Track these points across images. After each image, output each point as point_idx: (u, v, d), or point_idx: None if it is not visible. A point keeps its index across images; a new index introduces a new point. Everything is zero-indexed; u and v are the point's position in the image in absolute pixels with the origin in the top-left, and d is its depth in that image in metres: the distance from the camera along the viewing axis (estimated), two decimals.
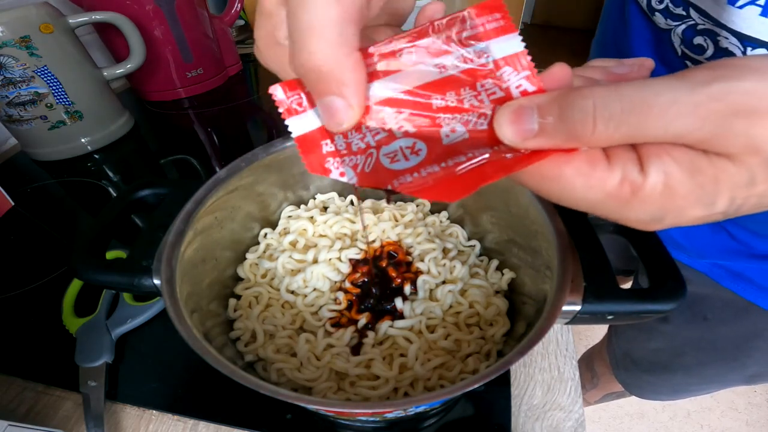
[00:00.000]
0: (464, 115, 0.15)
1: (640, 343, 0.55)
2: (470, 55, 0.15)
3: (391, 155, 0.16)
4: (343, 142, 0.17)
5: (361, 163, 0.17)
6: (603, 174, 0.13)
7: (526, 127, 0.14)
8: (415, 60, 0.16)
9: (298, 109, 0.17)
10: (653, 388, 0.58)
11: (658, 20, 0.33)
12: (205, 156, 0.60)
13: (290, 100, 0.17)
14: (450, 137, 0.16)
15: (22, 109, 0.53)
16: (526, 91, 0.15)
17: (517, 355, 0.20)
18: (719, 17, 0.28)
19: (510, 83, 0.15)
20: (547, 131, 0.13)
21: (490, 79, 0.15)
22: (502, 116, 0.14)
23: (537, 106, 0.14)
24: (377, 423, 0.30)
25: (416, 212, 0.37)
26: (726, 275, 0.41)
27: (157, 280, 0.24)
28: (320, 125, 0.17)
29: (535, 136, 0.14)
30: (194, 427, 0.30)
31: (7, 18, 0.48)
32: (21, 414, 0.31)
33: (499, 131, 0.14)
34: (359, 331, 0.29)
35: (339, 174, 0.17)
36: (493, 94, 0.15)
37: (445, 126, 0.16)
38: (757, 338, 0.42)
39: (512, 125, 0.14)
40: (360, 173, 0.17)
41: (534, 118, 0.14)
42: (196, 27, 0.69)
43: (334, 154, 0.17)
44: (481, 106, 0.15)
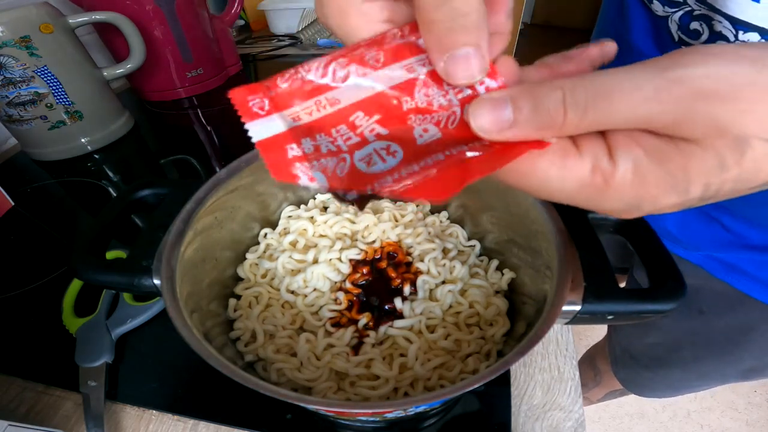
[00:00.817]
0: (434, 115, 0.16)
1: (637, 339, 0.55)
2: None
3: (366, 159, 0.16)
4: (311, 145, 0.16)
5: (332, 165, 0.15)
6: (574, 163, 0.14)
7: (502, 119, 0.14)
8: (383, 62, 0.16)
9: (260, 112, 0.16)
10: (652, 385, 0.58)
11: (656, 8, 0.34)
12: (205, 156, 0.60)
13: (251, 104, 0.16)
14: (423, 137, 0.15)
15: (22, 109, 0.53)
16: (489, 87, 0.15)
17: (517, 355, 0.20)
18: (713, 2, 0.28)
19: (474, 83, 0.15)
20: (522, 121, 0.14)
21: None
22: (477, 109, 0.14)
23: (510, 98, 0.14)
24: (377, 423, 0.30)
25: (416, 212, 0.37)
26: (720, 267, 0.41)
27: (157, 280, 0.24)
28: (284, 129, 0.16)
29: (510, 127, 0.14)
30: (194, 427, 0.30)
31: (7, 18, 0.49)
32: (21, 414, 0.31)
33: (475, 124, 0.15)
34: (359, 331, 0.29)
35: (308, 179, 0.15)
36: (460, 92, 0.15)
37: (417, 126, 0.16)
38: (752, 331, 0.42)
39: (488, 116, 0.14)
40: (332, 176, 0.15)
41: (509, 109, 0.14)
42: (196, 27, 0.69)
43: (302, 158, 0.16)
44: (450, 105, 0.15)
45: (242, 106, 0.16)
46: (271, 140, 0.16)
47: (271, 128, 0.16)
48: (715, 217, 0.39)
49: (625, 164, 0.14)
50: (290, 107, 0.16)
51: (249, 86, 0.16)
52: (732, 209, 0.37)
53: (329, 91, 0.16)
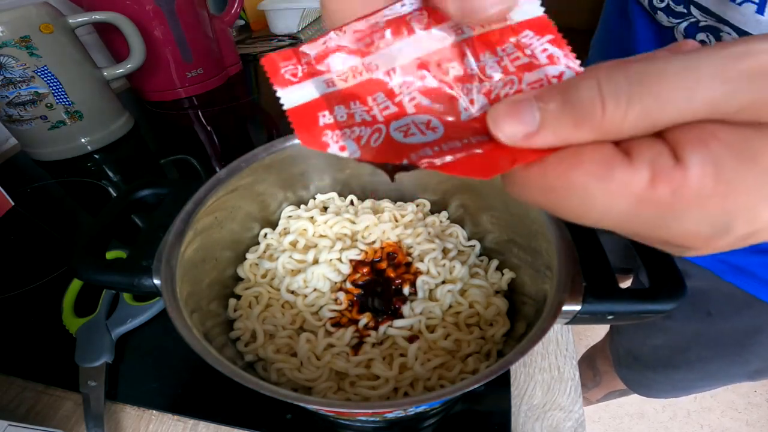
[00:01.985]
0: (485, 84, 0.14)
1: (641, 340, 0.55)
2: None
3: (403, 129, 0.14)
4: (344, 113, 0.15)
5: (366, 135, 0.14)
6: (624, 174, 0.10)
7: (525, 120, 0.11)
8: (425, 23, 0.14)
9: (293, 79, 0.15)
10: (656, 386, 0.57)
11: (661, 18, 0.34)
12: (205, 156, 0.60)
13: (284, 71, 0.15)
14: (468, 111, 0.14)
15: (22, 109, 0.53)
16: (552, 56, 0.13)
17: (517, 355, 0.20)
18: (722, 14, 0.28)
19: (534, 47, 0.13)
20: (551, 121, 0.11)
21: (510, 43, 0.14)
22: (497, 111, 0.12)
23: (535, 97, 0.12)
24: (377, 423, 0.30)
25: (416, 212, 0.37)
26: (728, 270, 0.41)
27: (157, 280, 0.24)
28: (317, 96, 0.15)
29: (538, 131, 0.11)
30: (194, 427, 0.30)
31: (7, 18, 0.49)
32: (21, 414, 0.31)
33: (495, 129, 0.12)
34: (360, 330, 0.29)
35: (339, 148, 0.14)
36: (517, 59, 0.13)
37: (463, 97, 0.14)
38: (760, 333, 0.41)
39: (509, 119, 0.12)
40: (365, 146, 0.14)
41: (534, 107, 0.11)
42: (196, 27, 0.69)
43: (333, 126, 0.14)
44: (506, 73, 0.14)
45: (274, 72, 0.15)
46: (303, 107, 0.15)
47: (303, 95, 0.15)
48: None
49: (700, 165, 0.10)
50: (324, 73, 0.15)
51: (281, 52, 0.15)
52: None
53: (367, 56, 0.15)
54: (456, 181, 0.35)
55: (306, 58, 0.15)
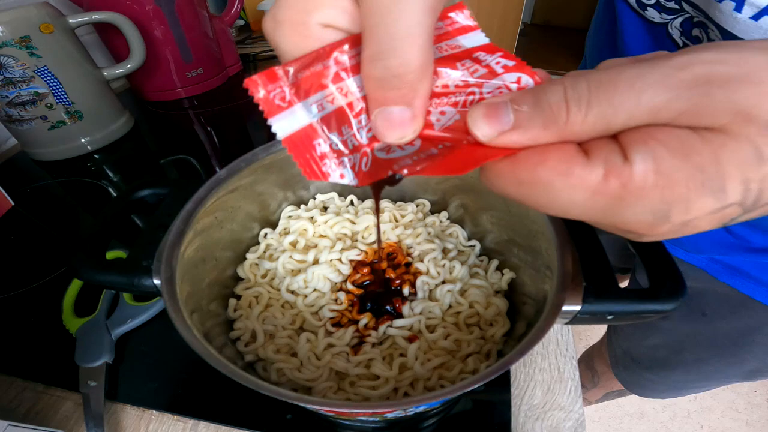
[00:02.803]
0: (451, 97, 0.15)
1: (638, 341, 0.55)
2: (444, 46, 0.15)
3: (384, 149, 0.15)
4: (338, 140, 0.15)
5: (358, 162, 0.15)
6: (582, 169, 0.12)
7: (501, 120, 0.13)
8: None
9: (282, 105, 0.15)
10: (653, 386, 0.58)
11: (651, 15, 0.34)
12: (205, 156, 0.60)
13: (272, 95, 0.14)
14: (441, 121, 0.15)
15: (22, 109, 0.53)
16: (506, 65, 0.14)
17: (517, 355, 0.20)
18: (707, 10, 0.28)
19: (488, 61, 0.15)
20: (523, 122, 0.13)
21: (468, 59, 0.15)
22: (476, 112, 0.14)
23: (511, 100, 0.13)
24: (377, 423, 0.30)
25: (416, 212, 0.37)
26: (723, 270, 0.41)
27: (157, 280, 0.24)
28: (309, 122, 0.15)
29: (511, 129, 0.13)
30: (194, 427, 0.30)
31: (7, 18, 0.48)
32: (21, 414, 0.31)
33: (474, 127, 0.14)
34: (360, 330, 0.29)
35: (338, 176, 0.15)
36: (476, 71, 0.15)
37: (433, 110, 0.15)
38: (755, 333, 0.42)
39: (486, 119, 0.13)
40: (359, 173, 0.15)
41: (508, 110, 0.13)
42: (196, 27, 0.69)
43: (330, 154, 0.15)
44: (466, 84, 0.15)
45: (262, 99, 0.14)
46: (297, 135, 0.15)
47: (295, 122, 0.15)
48: None
49: (644, 162, 0.11)
50: (312, 94, 0.15)
51: (264, 73, 0.14)
52: None
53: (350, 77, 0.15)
54: (456, 181, 0.35)
55: (291, 78, 0.15)
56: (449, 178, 0.35)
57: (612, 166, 0.12)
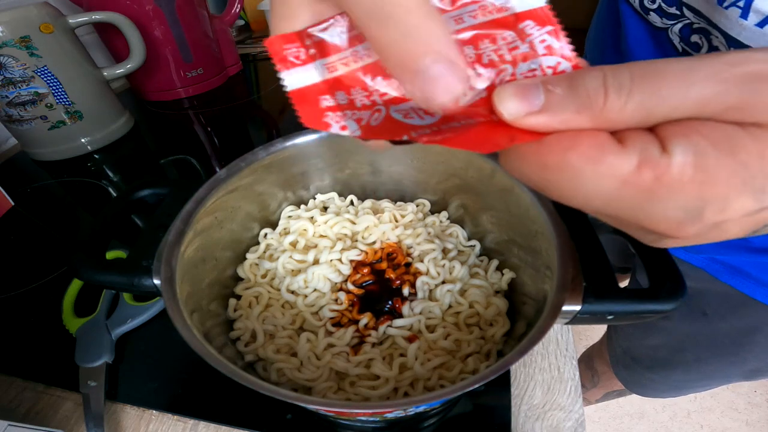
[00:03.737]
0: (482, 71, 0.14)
1: (639, 340, 0.55)
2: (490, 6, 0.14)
3: (403, 112, 0.15)
4: (345, 98, 0.15)
5: (366, 117, 0.15)
6: (615, 158, 0.11)
7: (531, 99, 0.12)
8: None
9: (296, 61, 0.15)
10: (653, 386, 0.58)
11: (654, 19, 0.34)
12: (205, 156, 0.60)
13: (287, 52, 0.15)
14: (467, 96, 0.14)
15: (22, 109, 0.53)
16: (551, 46, 0.13)
17: (517, 355, 0.20)
18: (711, 16, 0.28)
19: (533, 37, 0.13)
20: (555, 104, 0.12)
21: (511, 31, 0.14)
22: (504, 90, 0.13)
23: (543, 81, 0.12)
24: (377, 423, 0.30)
25: (416, 212, 0.37)
26: (723, 270, 0.41)
27: (157, 280, 0.24)
28: (320, 80, 0.15)
29: (541, 110, 0.12)
30: (194, 427, 0.30)
31: (7, 18, 0.49)
32: (21, 414, 0.31)
33: (500, 104, 0.13)
34: (360, 330, 0.29)
35: (340, 128, 0.15)
36: (516, 49, 0.14)
37: None
38: (756, 333, 0.42)
39: (515, 98, 0.12)
40: (365, 126, 0.15)
41: (540, 90, 0.12)
42: (196, 27, 0.69)
43: (335, 108, 0.15)
44: (501, 60, 0.14)
45: (277, 54, 0.15)
46: (305, 90, 0.15)
47: (305, 78, 0.15)
48: None
49: (684, 155, 0.11)
50: (326, 56, 0.15)
51: (285, 35, 0.15)
52: None
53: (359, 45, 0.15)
54: (456, 181, 0.35)
55: (310, 40, 0.15)
56: (449, 177, 0.35)
57: (648, 156, 0.11)
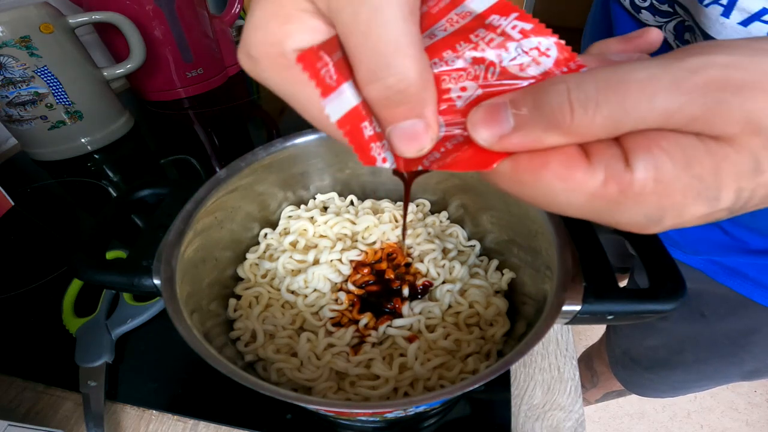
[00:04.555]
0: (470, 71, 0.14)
1: (638, 341, 0.55)
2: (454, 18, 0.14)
3: None
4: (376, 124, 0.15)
5: None
6: (583, 175, 0.12)
7: (501, 124, 0.13)
8: None
9: (333, 84, 0.14)
10: (653, 386, 0.58)
11: (646, 18, 0.33)
12: (205, 156, 0.60)
13: (323, 73, 0.14)
14: (462, 98, 0.14)
15: (22, 109, 0.53)
16: (524, 29, 0.13)
17: (517, 355, 0.20)
18: (694, 14, 0.28)
19: (503, 27, 0.14)
20: (524, 124, 0.12)
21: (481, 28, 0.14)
22: (475, 116, 0.13)
23: (510, 101, 0.13)
24: (377, 423, 0.30)
25: (416, 212, 0.37)
26: (721, 271, 0.41)
27: (157, 280, 0.24)
28: (356, 103, 0.14)
29: (512, 132, 0.13)
30: (194, 427, 0.30)
31: (7, 18, 0.48)
32: (21, 414, 0.31)
33: (474, 133, 0.13)
34: (360, 330, 0.29)
35: (381, 160, 0.15)
36: (492, 41, 0.14)
37: (453, 87, 0.14)
38: (754, 333, 0.42)
39: (486, 124, 0.13)
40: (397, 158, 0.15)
41: (508, 112, 0.13)
42: (196, 27, 0.69)
43: (375, 137, 0.15)
44: (483, 57, 0.14)
45: (315, 76, 0.14)
46: (348, 117, 0.14)
47: (344, 103, 0.14)
48: (716, 223, 0.39)
49: (645, 171, 0.12)
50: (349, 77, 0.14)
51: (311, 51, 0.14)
52: None
53: None
54: (456, 181, 0.35)
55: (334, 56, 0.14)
56: (449, 177, 0.35)
57: (612, 172, 0.12)
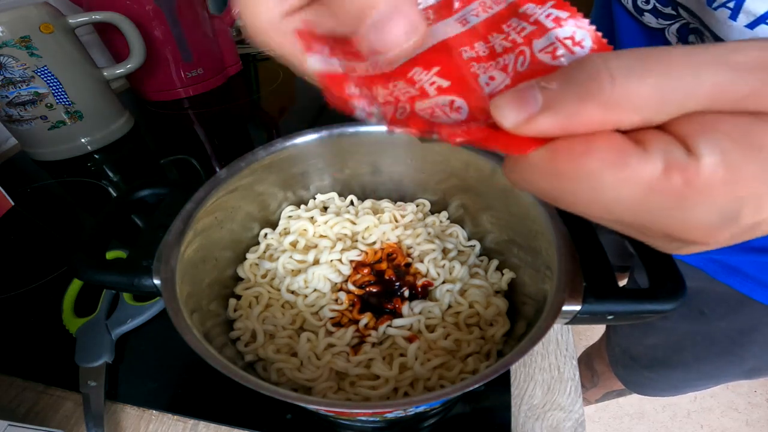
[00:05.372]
0: (499, 60, 0.14)
1: (637, 340, 0.55)
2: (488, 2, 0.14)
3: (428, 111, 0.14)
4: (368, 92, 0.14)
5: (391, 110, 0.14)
6: (638, 162, 0.10)
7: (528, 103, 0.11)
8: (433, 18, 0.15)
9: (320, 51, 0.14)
10: (653, 384, 0.58)
11: (649, 20, 0.33)
12: (205, 156, 0.60)
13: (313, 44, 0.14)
14: (490, 86, 0.14)
15: (22, 109, 0.53)
16: (558, 18, 0.13)
17: (517, 355, 0.20)
18: (702, 17, 0.28)
19: (537, 15, 0.13)
20: (554, 99, 0.11)
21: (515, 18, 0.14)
22: (501, 99, 0.12)
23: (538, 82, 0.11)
24: (377, 423, 0.30)
25: (416, 213, 0.37)
26: (721, 270, 0.41)
27: (157, 280, 0.24)
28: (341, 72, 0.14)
29: (540, 111, 0.11)
30: (194, 427, 0.30)
31: (7, 18, 0.48)
32: (21, 414, 0.31)
33: (499, 116, 0.12)
34: (360, 330, 0.29)
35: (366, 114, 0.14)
36: (523, 30, 0.13)
37: (482, 75, 0.14)
38: (754, 332, 0.42)
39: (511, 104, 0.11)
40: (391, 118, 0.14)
41: (536, 90, 0.11)
42: (196, 27, 0.69)
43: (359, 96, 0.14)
44: (514, 45, 0.14)
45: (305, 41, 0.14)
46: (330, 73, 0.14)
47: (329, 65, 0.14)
48: None
49: (712, 156, 0.10)
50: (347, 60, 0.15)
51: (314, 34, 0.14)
52: None
53: None
54: (456, 181, 0.35)
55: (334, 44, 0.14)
56: (449, 177, 0.35)
57: (674, 158, 0.10)
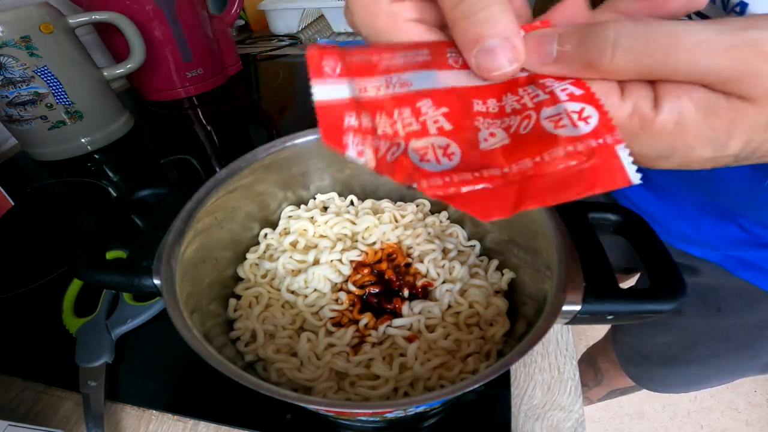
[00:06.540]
0: (505, 120, 0.15)
1: (648, 339, 0.55)
2: None
3: (421, 152, 0.15)
4: (369, 121, 0.15)
5: (384, 148, 0.15)
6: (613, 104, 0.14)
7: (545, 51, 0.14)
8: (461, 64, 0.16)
9: (330, 73, 0.15)
10: (667, 381, 0.57)
11: None
12: (205, 156, 0.60)
13: (324, 63, 0.15)
14: (488, 142, 0.15)
15: (22, 109, 0.53)
16: (572, 94, 0.14)
17: (517, 355, 0.20)
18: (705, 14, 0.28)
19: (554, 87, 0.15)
20: (564, 58, 0.14)
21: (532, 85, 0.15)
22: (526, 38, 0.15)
23: (558, 35, 0.14)
24: (377, 423, 0.30)
25: (416, 213, 0.37)
26: (739, 265, 0.41)
27: (157, 280, 0.24)
28: (348, 98, 0.15)
29: (552, 62, 0.14)
30: (194, 427, 0.30)
31: (7, 18, 0.49)
32: (21, 414, 0.31)
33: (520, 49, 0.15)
34: (360, 330, 0.29)
35: (357, 153, 0.14)
36: (536, 97, 0.15)
37: (484, 129, 0.15)
38: None
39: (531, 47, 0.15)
40: (380, 159, 0.14)
41: (554, 44, 0.14)
42: (196, 27, 0.69)
43: (356, 130, 0.15)
44: (523, 109, 0.15)
45: (314, 63, 0.15)
46: (332, 104, 0.15)
47: (335, 92, 0.15)
48: (732, 219, 0.39)
49: (670, 114, 0.13)
50: (361, 77, 0.15)
51: (328, 47, 0.15)
52: (748, 215, 0.38)
53: (404, 72, 0.16)
54: None
55: (349, 59, 0.15)
56: None
57: (640, 107, 0.14)
